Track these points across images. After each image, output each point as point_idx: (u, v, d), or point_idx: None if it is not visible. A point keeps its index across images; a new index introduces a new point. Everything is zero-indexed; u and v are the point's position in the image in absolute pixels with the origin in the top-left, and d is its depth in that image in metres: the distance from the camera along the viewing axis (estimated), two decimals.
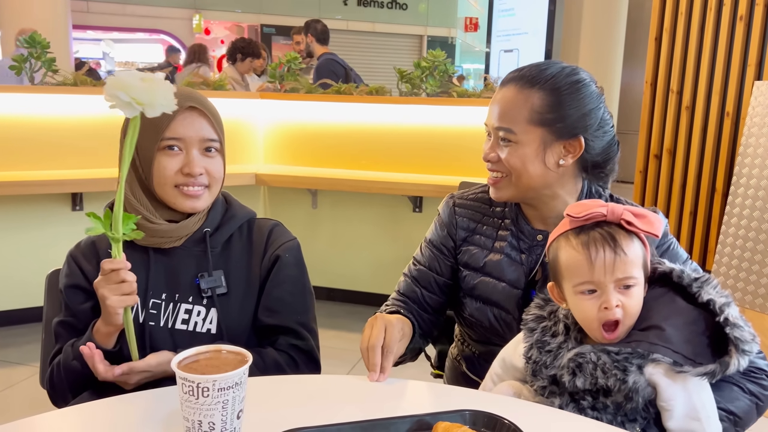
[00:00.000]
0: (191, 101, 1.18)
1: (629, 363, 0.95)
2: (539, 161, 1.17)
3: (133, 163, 1.19)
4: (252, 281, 1.26)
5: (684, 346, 0.95)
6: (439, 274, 1.32)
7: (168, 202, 1.19)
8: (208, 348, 0.88)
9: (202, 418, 0.80)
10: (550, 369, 1.02)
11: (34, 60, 3.17)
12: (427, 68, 3.40)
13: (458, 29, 15.29)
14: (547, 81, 1.16)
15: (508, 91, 1.18)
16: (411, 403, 1.01)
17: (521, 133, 1.15)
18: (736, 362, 0.94)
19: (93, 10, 12.05)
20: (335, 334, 3.27)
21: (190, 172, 1.17)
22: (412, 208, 3.54)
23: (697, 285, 1.00)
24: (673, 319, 0.98)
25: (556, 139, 1.16)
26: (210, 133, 1.20)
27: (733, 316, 0.96)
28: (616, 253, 0.97)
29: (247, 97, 3.91)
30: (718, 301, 0.97)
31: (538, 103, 1.15)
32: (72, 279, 1.24)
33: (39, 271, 1.57)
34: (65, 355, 1.19)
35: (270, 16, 13.39)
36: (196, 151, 1.18)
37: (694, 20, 3.90)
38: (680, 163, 4.05)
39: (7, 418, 1.12)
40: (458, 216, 1.31)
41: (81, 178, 3.12)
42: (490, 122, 1.21)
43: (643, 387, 0.95)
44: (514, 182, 1.19)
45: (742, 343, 0.94)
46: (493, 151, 1.20)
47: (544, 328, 1.07)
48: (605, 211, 1.00)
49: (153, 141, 1.16)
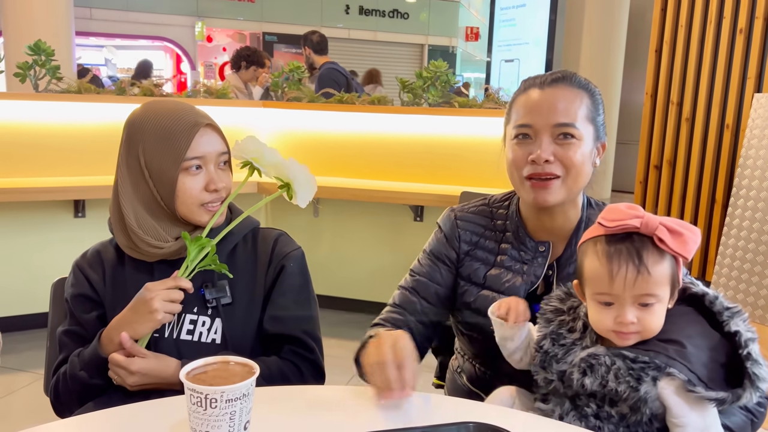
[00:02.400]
0: (206, 119, 1.20)
1: (645, 373, 0.94)
2: (590, 160, 1.18)
3: (144, 184, 1.19)
4: (257, 291, 1.26)
5: (701, 368, 0.94)
6: (439, 285, 1.30)
7: (192, 220, 1.20)
8: (216, 359, 0.89)
9: (209, 428, 0.81)
10: (561, 364, 1.01)
11: (39, 67, 3.19)
12: (429, 78, 3.42)
13: (459, 38, 15.35)
14: (584, 84, 1.20)
15: (560, 89, 1.17)
16: (413, 414, 1.01)
17: (582, 129, 1.15)
18: (748, 396, 0.93)
19: (96, 17, 12.11)
20: (336, 343, 3.27)
21: (216, 188, 1.19)
22: (414, 218, 3.55)
23: (728, 314, 0.99)
24: (696, 339, 0.97)
25: (597, 138, 1.19)
26: (223, 147, 1.22)
27: (755, 352, 0.95)
28: (639, 272, 0.94)
29: (249, 106, 3.93)
30: (745, 334, 0.96)
31: (588, 102, 1.17)
32: (78, 288, 1.25)
33: (40, 277, 1.58)
34: (71, 365, 1.19)
35: (272, 24, 13.46)
36: (212, 166, 1.20)
37: (694, 32, 3.93)
38: (680, 174, 4.06)
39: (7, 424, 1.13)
40: (460, 229, 1.30)
41: (83, 185, 3.13)
42: (541, 121, 1.15)
43: (652, 399, 0.94)
44: (569, 183, 1.15)
45: (759, 380, 0.93)
46: (549, 152, 1.13)
47: (561, 321, 1.06)
48: (639, 224, 0.96)
49: (175, 162, 1.16)
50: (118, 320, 1.15)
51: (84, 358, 1.17)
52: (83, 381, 1.16)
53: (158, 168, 1.17)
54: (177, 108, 1.20)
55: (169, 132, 1.16)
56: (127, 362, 1.11)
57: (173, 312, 1.13)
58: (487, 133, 3.42)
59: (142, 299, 1.12)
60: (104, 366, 1.14)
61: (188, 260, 1.14)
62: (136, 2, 12.42)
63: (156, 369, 1.14)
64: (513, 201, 1.29)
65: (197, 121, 1.18)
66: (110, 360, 1.13)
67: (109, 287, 1.24)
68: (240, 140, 1.16)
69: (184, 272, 1.15)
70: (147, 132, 1.18)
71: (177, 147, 1.16)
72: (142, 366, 1.12)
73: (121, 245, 1.22)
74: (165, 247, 1.20)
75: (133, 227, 1.19)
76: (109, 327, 1.16)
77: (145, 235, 1.19)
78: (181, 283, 1.13)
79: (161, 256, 1.20)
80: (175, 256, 1.21)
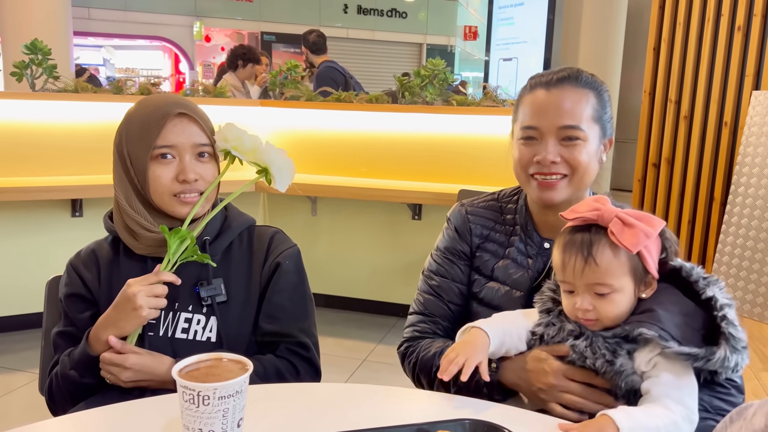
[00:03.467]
0: (180, 107, 1.19)
1: (620, 347, 0.97)
2: (597, 158, 1.20)
3: (127, 172, 1.20)
4: (252, 289, 1.26)
5: (673, 328, 0.95)
6: (460, 282, 1.31)
7: (166, 210, 1.20)
8: (209, 356, 0.88)
9: (202, 426, 0.80)
10: (554, 339, 1.04)
11: (36, 67, 3.18)
12: (427, 77, 3.41)
13: (458, 38, 15.34)
14: (589, 82, 1.20)
15: (566, 90, 1.18)
16: (411, 412, 1.01)
17: (588, 129, 1.17)
18: (722, 354, 0.93)
19: (94, 17, 12.09)
20: (334, 342, 3.27)
21: (185, 179, 1.17)
22: (412, 216, 3.54)
23: (704, 283, 1.00)
24: (667, 305, 0.99)
25: (603, 136, 1.21)
26: (201, 138, 1.21)
27: (731, 315, 0.96)
28: (586, 262, 0.98)
29: (247, 105, 3.92)
30: (721, 300, 0.98)
31: (594, 101, 1.19)
32: (72, 288, 1.24)
33: (38, 277, 1.58)
34: (62, 365, 1.19)
35: (270, 24, 13.44)
36: (189, 157, 1.19)
37: (692, 30, 3.92)
38: (678, 172, 4.06)
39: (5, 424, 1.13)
40: (471, 223, 1.31)
41: (81, 185, 3.12)
42: (548, 123, 1.17)
43: (628, 373, 0.96)
44: (575, 182, 1.18)
45: (734, 339, 0.94)
46: (555, 153, 1.16)
47: (560, 311, 1.08)
48: (595, 216, 1.00)
49: (145, 150, 1.17)
50: (103, 319, 1.14)
51: (74, 357, 1.17)
52: (74, 380, 1.16)
53: (135, 155, 1.18)
54: (161, 98, 1.21)
55: (144, 120, 1.18)
56: (121, 359, 1.11)
57: (158, 307, 1.12)
58: (485, 131, 3.42)
59: (125, 296, 1.10)
60: (94, 365, 1.14)
61: (169, 253, 1.13)
62: (135, 2, 12.39)
63: (150, 365, 1.13)
64: (521, 196, 1.31)
65: (169, 110, 1.18)
66: (102, 359, 1.12)
67: (105, 286, 1.23)
68: (221, 126, 1.16)
69: (167, 266, 1.13)
70: (131, 122, 1.20)
71: (149, 134, 1.16)
72: (136, 361, 1.12)
73: (120, 235, 1.22)
74: (156, 231, 1.19)
75: (125, 207, 1.19)
76: (96, 326, 1.15)
77: (136, 214, 1.19)
78: (163, 277, 1.12)
79: (158, 244, 1.19)
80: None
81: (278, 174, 1.15)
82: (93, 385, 1.17)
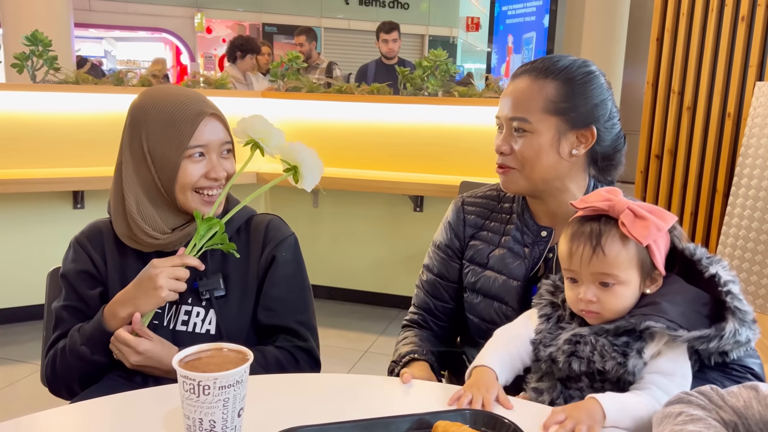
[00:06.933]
0: (212, 108, 1.20)
1: (629, 348, 0.96)
2: (553, 151, 1.17)
3: (147, 171, 1.18)
4: (250, 281, 1.26)
5: (679, 317, 0.95)
6: (449, 281, 1.33)
7: (187, 207, 1.19)
8: (210, 346, 0.88)
9: (203, 416, 0.81)
10: (549, 347, 1.03)
11: (36, 58, 3.17)
12: (429, 68, 3.40)
13: (460, 29, 15.28)
14: (561, 71, 1.17)
15: (522, 81, 1.19)
16: (411, 402, 1.01)
17: (536, 122, 1.16)
18: (732, 327, 0.94)
19: (95, 9, 12.07)
20: (336, 333, 3.28)
21: (216, 177, 1.18)
22: (413, 208, 3.54)
23: (707, 261, 1.00)
24: (670, 296, 0.99)
25: (570, 128, 1.17)
26: (227, 136, 1.22)
27: (736, 290, 0.97)
28: (594, 252, 0.97)
29: (248, 96, 3.91)
30: (724, 276, 0.98)
31: (552, 93, 1.16)
32: (80, 264, 1.23)
33: (40, 269, 1.58)
34: (71, 339, 1.17)
35: (272, 15, 13.39)
36: (215, 155, 1.19)
37: (695, 21, 3.90)
38: (681, 163, 4.04)
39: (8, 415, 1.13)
40: (467, 214, 1.32)
41: (82, 176, 3.13)
42: (502, 114, 1.21)
43: (640, 369, 0.96)
44: (526, 174, 1.19)
45: (741, 312, 0.95)
46: (506, 143, 1.19)
47: (559, 316, 1.07)
48: (606, 207, 0.99)
49: (177, 149, 1.16)
50: (121, 295, 1.14)
51: (86, 332, 1.16)
52: (84, 356, 1.15)
53: (161, 154, 1.16)
54: (182, 94, 1.19)
55: (173, 118, 1.16)
56: (136, 342, 1.11)
57: (178, 290, 1.12)
58: (487, 122, 3.39)
59: (148, 275, 1.11)
60: (107, 342, 1.13)
61: (196, 238, 1.13)
62: None
63: (160, 354, 1.13)
64: None
65: (202, 109, 1.17)
66: (116, 336, 1.12)
67: (110, 264, 1.23)
68: (245, 117, 1.15)
69: (191, 250, 1.14)
70: (151, 117, 1.17)
71: (181, 134, 1.15)
72: (148, 348, 1.12)
73: (119, 233, 1.22)
74: (161, 238, 1.19)
75: (133, 213, 1.18)
76: (112, 302, 1.15)
77: (143, 222, 1.18)
78: (187, 261, 1.13)
79: (157, 247, 1.20)
80: (170, 248, 1.20)
81: (308, 173, 1.14)
82: (102, 365, 1.16)
